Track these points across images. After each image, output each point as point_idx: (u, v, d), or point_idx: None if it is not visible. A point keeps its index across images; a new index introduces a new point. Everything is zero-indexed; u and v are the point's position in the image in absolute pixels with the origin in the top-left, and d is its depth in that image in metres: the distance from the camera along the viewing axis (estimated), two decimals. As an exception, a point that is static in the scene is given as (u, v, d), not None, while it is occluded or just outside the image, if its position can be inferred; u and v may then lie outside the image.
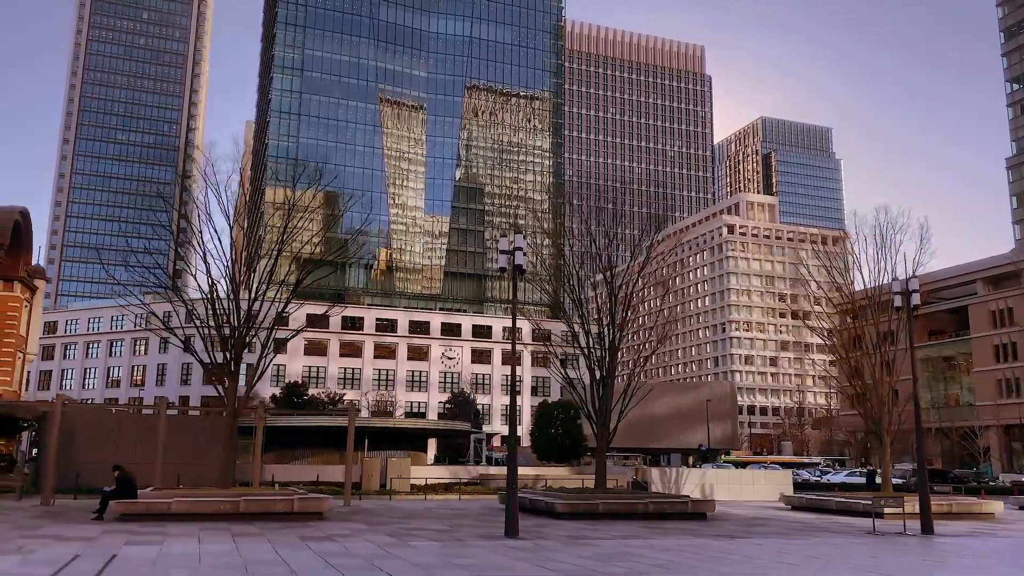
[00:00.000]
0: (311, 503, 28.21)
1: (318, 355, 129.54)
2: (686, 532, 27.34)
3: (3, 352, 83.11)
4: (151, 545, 20.69)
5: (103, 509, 26.88)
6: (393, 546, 21.64)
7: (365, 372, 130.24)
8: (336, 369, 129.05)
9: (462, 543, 22.82)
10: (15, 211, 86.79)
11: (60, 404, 33.97)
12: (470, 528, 27.05)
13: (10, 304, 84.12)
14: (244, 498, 27.47)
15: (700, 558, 20.82)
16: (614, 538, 24.90)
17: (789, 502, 40.89)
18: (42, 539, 21.37)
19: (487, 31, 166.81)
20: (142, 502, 26.49)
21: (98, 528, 24.28)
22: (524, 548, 21.72)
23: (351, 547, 21.20)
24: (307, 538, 22.91)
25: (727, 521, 31.82)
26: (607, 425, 35.28)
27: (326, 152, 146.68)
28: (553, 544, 22.94)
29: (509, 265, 25.68)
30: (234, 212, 33.80)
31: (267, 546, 21.03)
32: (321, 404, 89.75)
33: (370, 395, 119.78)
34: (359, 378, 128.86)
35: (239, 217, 34.20)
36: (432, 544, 22.36)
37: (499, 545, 22.37)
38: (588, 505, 30.77)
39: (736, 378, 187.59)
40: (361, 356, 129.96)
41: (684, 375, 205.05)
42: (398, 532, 25.17)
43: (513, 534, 23.91)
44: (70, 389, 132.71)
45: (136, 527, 24.50)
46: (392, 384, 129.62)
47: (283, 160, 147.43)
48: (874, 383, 39.54)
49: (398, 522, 28.48)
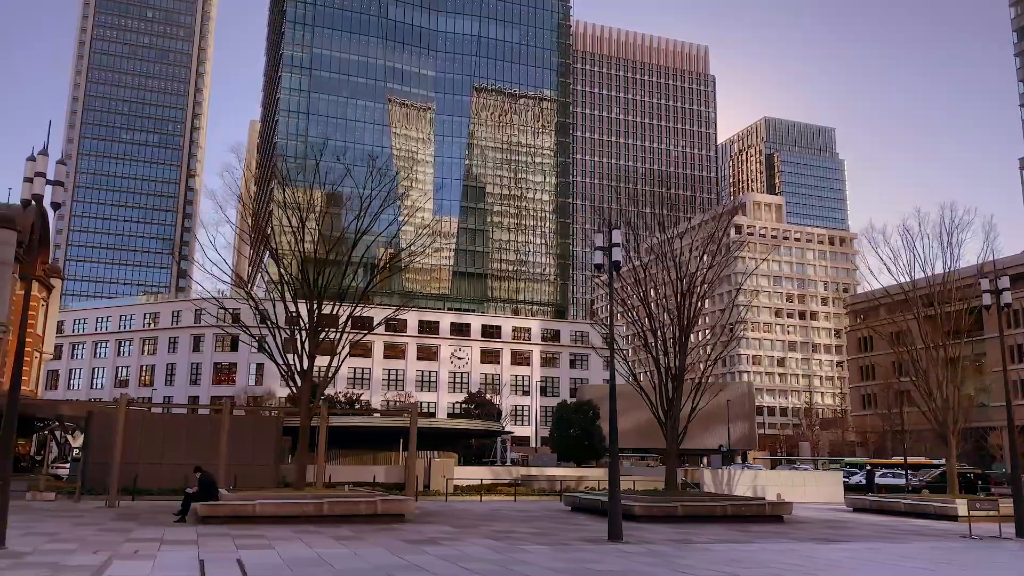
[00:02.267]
0: (394, 505, 27.61)
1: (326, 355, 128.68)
2: (780, 536, 26.75)
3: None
4: (263, 549, 20.05)
5: (185, 511, 26.23)
6: (505, 550, 21.04)
7: (375, 372, 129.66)
8: (346, 369, 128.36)
9: (570, 547, 22.20)
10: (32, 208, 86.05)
11: (124, 404, 33.23)
12: (562, 532, 26.41)
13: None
14: (328, 500, 26.85)
15: (821, 564, 20.27)
16: (716, 542, 24.33)
17: (851, 504, 40.33)
18: (145, 542, 20.67)
19: (495, 30, 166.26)
20: (227, 504, 25.84)
21: (191, 530, 23.57)
22: (642, 553, 21.13)
23: (467, 552, 20.59)
24: (412, 541, 22.27)
25: (806, 523, 31.25)
26: (676, 425, 34.64)
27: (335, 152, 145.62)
28: (665, 549, 22.34)
29: (606, 261, 25.04)
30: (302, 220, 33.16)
31: (380, 550, 20.39)
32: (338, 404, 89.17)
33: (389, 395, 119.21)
34: (369, 378, 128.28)
35: (316, 223, 33.63)
36: (544, 548, 21.74)
37: (613, 549, 21.78)
38: (667, 508, 30.18)
39: (743, 378, 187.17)
40: (371, 356, 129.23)
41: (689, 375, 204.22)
42: (493, 535, 24.55)
43: (618, 538, 23.32)
44: (78, 389, 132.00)
45: (228, 530, 23.79)
46: (402, 384, 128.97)
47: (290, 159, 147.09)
48: (938, 382, 38.94)
49: (483, 524, 27.85)
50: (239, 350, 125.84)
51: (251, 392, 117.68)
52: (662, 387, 34.75)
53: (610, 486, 23.94)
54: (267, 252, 33.52)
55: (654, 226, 38.11)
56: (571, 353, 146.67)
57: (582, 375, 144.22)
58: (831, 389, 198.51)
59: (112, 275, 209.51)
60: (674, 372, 34.73)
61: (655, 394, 34.84)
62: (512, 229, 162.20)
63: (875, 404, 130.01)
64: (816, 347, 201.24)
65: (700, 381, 36.21)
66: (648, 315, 35.48)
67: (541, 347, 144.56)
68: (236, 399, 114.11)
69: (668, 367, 34.91)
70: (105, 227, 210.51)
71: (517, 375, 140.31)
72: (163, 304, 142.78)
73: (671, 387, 34.50)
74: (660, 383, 34.82)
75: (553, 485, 49.13)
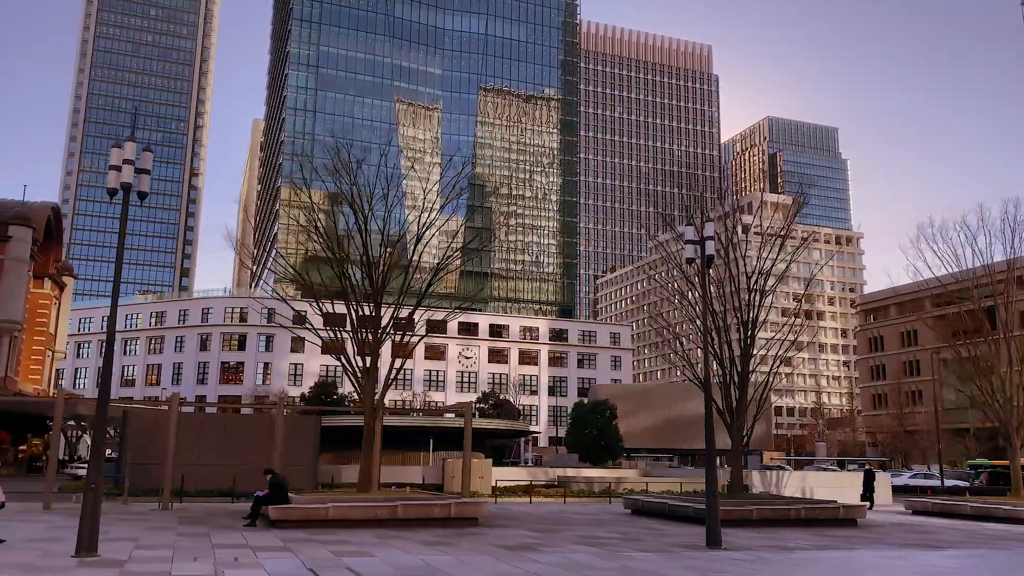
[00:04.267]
0: (468, 508, 26.66)
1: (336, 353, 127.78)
2: (872, 541, 25.79)
3: (34, 351, 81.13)
4: (361, 556, 18.99)
5: (255, 514, 25.20)
6: (612, 557, 20.09)
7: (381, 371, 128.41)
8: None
9: (674, 554, 21.22)
10: (48, 206, 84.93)
11: (176, 403, 32.16)
12: (648, 537, 25.38)
13: (40, 301, 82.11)
14: (401, 503, 25.87)
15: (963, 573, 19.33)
16: (816, 548, 23.42)
17: (911, 507, 39.37)
18: (235, 549, 19.58)
19: (502, 28, 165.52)
20: (299, 508, 24.83)
21: (270, 535, 22.47)
22: (752, 560, 20.19)
23: (577, 559, 19.60)
24: (510, 547, 21.26)
25: (882, 527, 30.34)
26: (742, 426, 33.73)
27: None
28: (773, 556, 21.39)
29: (698, 255, 24.07)
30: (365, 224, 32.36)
31: (486, 558, 19.38)
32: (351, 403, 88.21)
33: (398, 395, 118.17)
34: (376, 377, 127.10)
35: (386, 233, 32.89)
36: (652, 555, 20.75)
37: (722, 556, 20.81)
38: (743, 512, 29.21)
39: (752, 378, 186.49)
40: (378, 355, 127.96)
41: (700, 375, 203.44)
42: (583, 541, 23.56)
43: (718, 544, 22.36)
44: (83, 388, 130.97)
45: (307, 534, 22.70)
46: (410, 384, 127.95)
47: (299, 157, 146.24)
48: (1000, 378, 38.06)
49: (560, 528, 26.79)
50: (246, 349, 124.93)
51: (259, 392, 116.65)
52: (726, 387, 33.85)
53: (708, 490, 23.02)
54: (330, 255, 32.56)
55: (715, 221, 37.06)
56: (579, 352, 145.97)
57: (590, 375, 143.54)
58: (838, 389, 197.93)
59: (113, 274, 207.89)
60: (739, 370, 33.84)
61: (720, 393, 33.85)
62: (518, 228, 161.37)
63: (886, 404, 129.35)
64: (823, 347, 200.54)
65: (767, 379, 35.36)
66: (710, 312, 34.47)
67: (549, 346, 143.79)
68: (243, 399, 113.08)
69: (733, 360, 34.01)
70: (107, 226, 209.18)
71: (525, 374, 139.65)
72: (169, 303, 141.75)
73: (735, 386, 33.60)
74: (724, 382, 33.91)
75: (591, 486, 48.18)
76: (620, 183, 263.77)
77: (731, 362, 34.13)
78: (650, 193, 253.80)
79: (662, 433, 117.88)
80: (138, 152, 18.96)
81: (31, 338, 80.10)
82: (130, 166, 18.70)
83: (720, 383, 33.90)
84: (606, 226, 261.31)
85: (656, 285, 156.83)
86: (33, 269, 76.33)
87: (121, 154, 18.89)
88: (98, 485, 17.61)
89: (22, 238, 71.49)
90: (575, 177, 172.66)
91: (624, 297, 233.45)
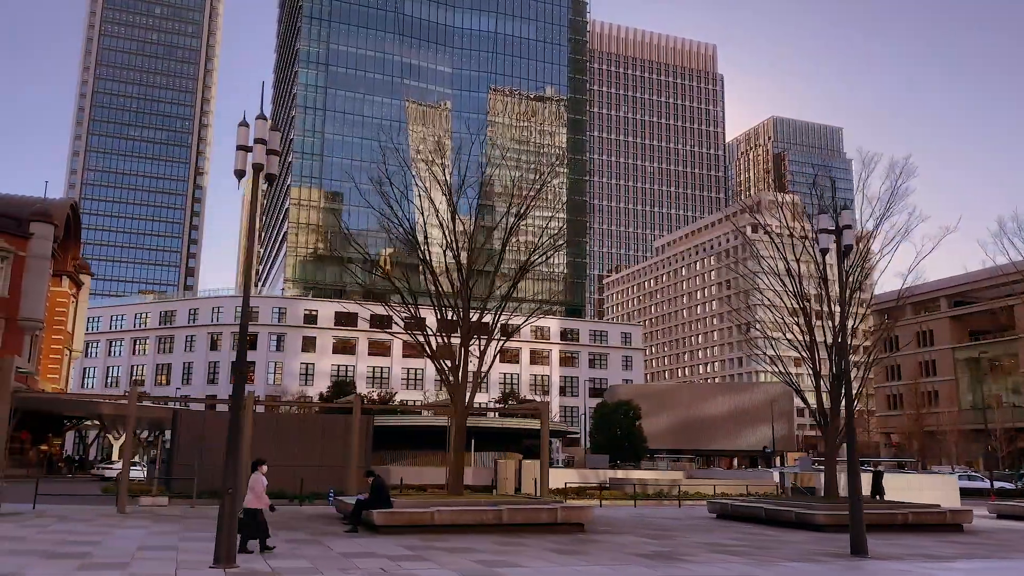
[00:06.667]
0: (574, 513, 25.35)
1: (347, 353, 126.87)
2: (1002, 547, 24.56)
3: (52, 349, 79.54)
4: (501, 567, 17.55)
5: (357, 519, 23.81)
6: (763, 565, 18.81)
7: (394, 370, 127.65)
8: (364, 368, 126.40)
9: (823, 563, 19.91)
10: (67, 203, 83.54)
11: (252, 402, 30.76)
12: (771, 545, 24.01)
13: (59, 300, 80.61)
14: (507, 507, 24.54)
15: None
16: (956, 557, 22.15)
17: (995, 510, 38.18)
18: (363, 558, 18.09)
19: (511, 27, 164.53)
20: (404, 512, 23.49)
21: (384, 541, 20.96)
22: (906, 572, 18.87)
23: (733, 570, 18.29)
24: (642, 555, 19.89)
25: (988, 533, 29.14)
26: (838, 427, 32.48)
27: (351, 148, 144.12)
28: (929, 565, 20.09)
29: (836, 246, 22.78)
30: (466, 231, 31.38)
31: (634, 567, 18.00)
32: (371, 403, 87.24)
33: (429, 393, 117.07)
34: (388, 376, 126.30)
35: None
36: (805, 565, 19.42)
37: (878, 567, 19.50)
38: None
39: (762, 378, 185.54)
40: (390, 355, 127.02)
41: (707, 375, 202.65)
42: (713, 548, 22.26)
43: (864, 553, 21.07)
44: (92, 388, 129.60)
45: (419, 541, 21.27)
46: (421, 383, 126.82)
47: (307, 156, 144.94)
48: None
49: (673, 535, 25.44)
50: (257, 349, 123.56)
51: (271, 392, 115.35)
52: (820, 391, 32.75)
53: (850, 496, 21.74)
54: (420, 263, 31.95)
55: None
56: (590, 352, 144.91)
57: (602, 375, 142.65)
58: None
59: (120, 273, 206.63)
60: (834, 373, 32.65)
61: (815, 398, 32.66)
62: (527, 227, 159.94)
63: (902, 404, 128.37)
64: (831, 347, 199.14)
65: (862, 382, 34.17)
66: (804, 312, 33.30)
67: (560, 346, 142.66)
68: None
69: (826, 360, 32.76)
70: (113, 224, 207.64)
71: (536, 374, 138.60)
72: (179, 303, 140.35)
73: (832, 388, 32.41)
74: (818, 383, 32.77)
75: (645, 489, 46.90)
76: (623, 182, 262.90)
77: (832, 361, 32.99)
78: (654, 193, 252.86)
79: (683, 433, 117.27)
80: (266, 131, 17.58)
81: (50, 337, 78.67)
82: (261, 146, 17.30)
83: (814, 385, 32.73)
84: (610, 226, 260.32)
85: (738, 276, 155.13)
86: (53, 266, 74.96)
87: (248, 133, 17.52)
88: (236, 490, 16.19)
89: (44, 235, 70.10)
90: (585, 176, 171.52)
91: (631, 297, 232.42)
